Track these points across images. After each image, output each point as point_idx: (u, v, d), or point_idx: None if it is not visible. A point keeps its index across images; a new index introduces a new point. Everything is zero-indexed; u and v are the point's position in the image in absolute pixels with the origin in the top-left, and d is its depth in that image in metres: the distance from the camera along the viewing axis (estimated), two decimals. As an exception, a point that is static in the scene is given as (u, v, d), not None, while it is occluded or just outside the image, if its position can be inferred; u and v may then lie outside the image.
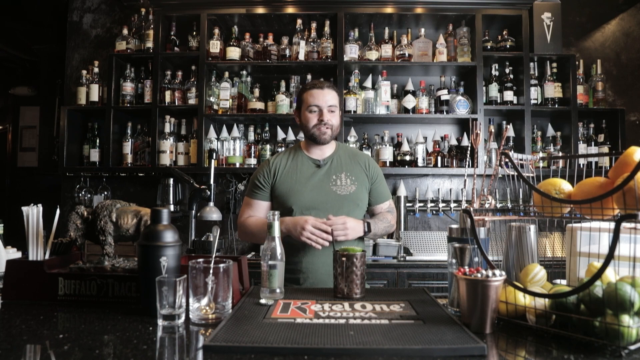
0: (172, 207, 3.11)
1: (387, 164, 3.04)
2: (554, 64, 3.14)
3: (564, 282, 1.17)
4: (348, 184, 1.80)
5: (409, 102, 3.09)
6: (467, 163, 2.92)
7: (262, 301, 1.20)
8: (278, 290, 1.24)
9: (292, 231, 1.65)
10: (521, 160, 1.19)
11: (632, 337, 0.86)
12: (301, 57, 3.07)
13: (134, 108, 3.15)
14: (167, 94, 3.12)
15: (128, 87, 3.15)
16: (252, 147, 3.10)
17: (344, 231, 1.62)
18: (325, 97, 1.79)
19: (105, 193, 3.31)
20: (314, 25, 3.11)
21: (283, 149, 3.13)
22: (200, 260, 1.08)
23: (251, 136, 3.16)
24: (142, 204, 1.40)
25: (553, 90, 3.07)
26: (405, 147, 3.08)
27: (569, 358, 0.85)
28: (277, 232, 1.26)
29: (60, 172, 3.17)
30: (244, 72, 3.16)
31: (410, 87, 3.13)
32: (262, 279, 1.24)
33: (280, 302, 1.20)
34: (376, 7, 3.04)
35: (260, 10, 3.07)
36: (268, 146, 3.10)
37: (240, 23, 3.21)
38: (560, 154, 3.08)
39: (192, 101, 3.10)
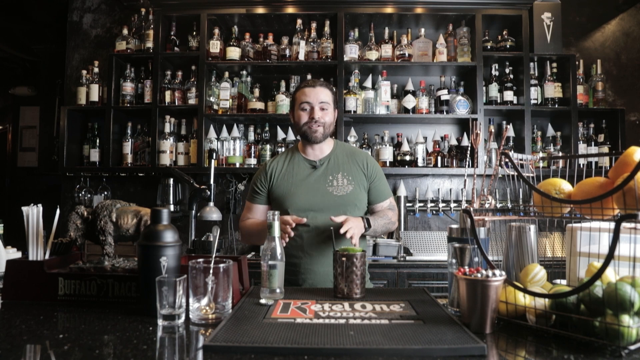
0: (172, 207, 3.11)
1: (387, 164, 3.04)
2: (554, 64, 3.14)
3: (564, 282, 1.17)
4: (345, 184, 1.78)
5: (409, 102, 3.09)
6: (467, 163, 2.92)
7: (262, 301, 1.20)
8: (278, 290, 1.24)
9: None
10: (521, 160, 1.19)
11: (632, 337, 0.86)
12: (301, 57, 3.07)
13: (134, 108, 3.15)
14: (167, 94, 3.12)
15: (128, 87, 3.15)
16: (252, 147, 3.10)
17: (351, 230, 1.57)
18: (317, 95, 1.77)
19: (105, 193, 3.31)
20: (314, 25, 3.11)
21: (283, 149, 3.13)
22: (200, 260, 1.08)
23: (251, 136, 3.16)
24: (142, 204, 1.40)
25: (553, 90, 3.07)
26: (405, 147, 3.08)
27: (569, 358, 0.85)
28: (277, 232, 1.26)
29: (60, 172, 3.17)
30: (244, 72, 3.16)
31: (410, 87, 3.13)
32: (262, 279, 1.24)
33: (280, 302, 1.20)
34: (376, 7, 3.04)
35: (260, 10, 3.07)
36: (268, 146, 3.10)
37: (240, 23, 3.21)
38: (560, 154, 3.08)
39: (192, 101, 3.10)
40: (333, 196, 1.76)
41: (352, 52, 3.05)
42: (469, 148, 2.94)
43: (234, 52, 3.06)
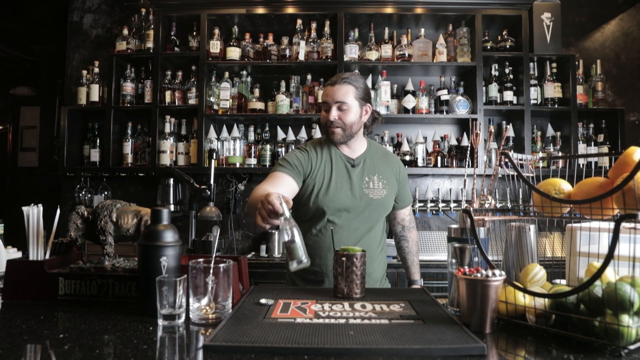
0: (172, 207, 3.11)
1: (387, 164, 3.04)
2: (554, 64, 3.14)
3: (563, 282, 1.17)
4: (380, 187, 1.71)
5: (409, 102, 3.09)
6: (467, 163, 2.93)
7: (262, 301, 1.20)
8: (304, 259, 1.21)
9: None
10: (521, 160, 1.19)
11: (631, 337, 0.86)
12: (301, 57, 3.07)
13: (134, 108, 3.16)
14: (167, 94, 3.12)
15: (128, 87, 3.15)
16: (252, 147, 3.11)
17: None
18: (334, 94, 1.65)
19: (106, 193, 3.32)
20: (314, 25, 3.11)
21: (283, 149, 3.13)
22: (200, 260, 1.08)
23: (251, 136, 3.16)
24: (142, 204, 1.40)
25: (553, 90, 3.08)
26: (405, 147, 3.08)
27: (569, 358, 0.85)
28: (287, 213, 1.23)
29: (61, 172, 3.17)
30: (244, 72, 3.16)
31: (410, 87, 3.13)
32: (287, 255, 1.22)
33: (280, 302, 1.20)
34: (376, 7, 3.04)
35: (260, 10, 3.07)
36: (268, 146, 3.10)
37: (240, 23, 3.21)
38: (560, 154, 3.08)
39: (192, 101, 3.10)
40: (369, 199, 1.68)
41: (352, 52, 3.05)
42: (469, 148, 2.94)
43: (234, 52, 3.06)
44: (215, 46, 3.07)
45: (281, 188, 1.56)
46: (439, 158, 3.07)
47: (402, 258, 1.90)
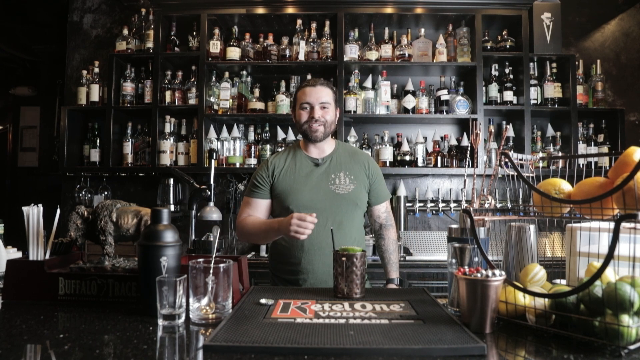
0: (172, 207, 3.11)
1: (387, 164, 3.04)
2: (554, 64, 3.14)
3: (563, 282, 1.17)
4: (347, 183, 1.78)
5: (409, 102, 3.09)
6: (467, 163, 2.92)
7: (262, 301, 1.20)
8: None
9: (283, 231, 1.59)
10: (521, 160, 1.19)
11: (631, 337, 0.86)
12: (301, 57, 3.07)
13: (134, 108, 3.16)
14: (167, 94, 3.12)
15: (128, 87, 3.15)
16: (252, 147, 3.11)
17: None
18: (317, 94, 1.77)
19: (106, 193, 3.31)
20: (314, 25, 3.11)
21: (283, 149, 3.13)
22: (200, 260, 1.08)
23: (251, 136, 3.16)
24: (142, 204, 1.40)
25: (553, 90, 3.08)
26: (405, 147, 3.08)
27: (569, 358, 0.85)
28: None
29: (61, 172, 3.17)
30: (244, 72, 3.16)
31: (410, 87, 3.13)
32: None
33: (280, 302, 1.20)
34: (376, 7, 3.04)
35: (260, 10, 3.07)
36: (268, 146, 3.10)
37: (240, 23, 3.21)
38: (560, 154, 3.08)
39: (192, 101, 3.10)
40: (335, 194, 1.76)
41: (352, 52, 3.05)
42: (469, 148, 2.94)
43: (234, 52, 3.06)
44: (215, 46, 3.07)
45: (257, 211, 1.82)
46: (439, 158, 3.07)
47: (380, 256, 1.94)
